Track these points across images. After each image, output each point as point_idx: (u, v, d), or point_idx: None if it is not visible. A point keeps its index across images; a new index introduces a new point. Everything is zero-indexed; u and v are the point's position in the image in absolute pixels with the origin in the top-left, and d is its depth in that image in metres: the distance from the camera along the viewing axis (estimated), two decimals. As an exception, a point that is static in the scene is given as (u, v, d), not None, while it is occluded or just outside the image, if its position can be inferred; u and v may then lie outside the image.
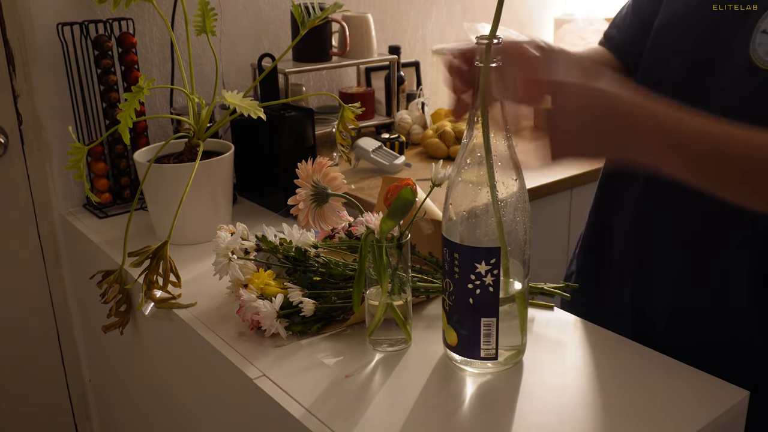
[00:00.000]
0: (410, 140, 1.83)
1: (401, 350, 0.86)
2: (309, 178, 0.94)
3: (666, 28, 0.90)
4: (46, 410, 1.58)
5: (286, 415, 0.75)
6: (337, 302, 0.89)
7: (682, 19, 0.88)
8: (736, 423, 0.76)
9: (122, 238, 1.04)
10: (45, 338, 1.54)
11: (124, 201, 1.42)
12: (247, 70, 1.62)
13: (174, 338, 1.01)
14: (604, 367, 0.82)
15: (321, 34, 1.59)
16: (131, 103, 1.02)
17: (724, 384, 0.77)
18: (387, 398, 0.77)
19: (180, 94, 1.51)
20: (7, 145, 1.41)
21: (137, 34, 1.42)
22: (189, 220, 1.14)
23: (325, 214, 0.94)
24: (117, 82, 1.37)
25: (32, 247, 1.48)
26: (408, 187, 0.83)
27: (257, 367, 0.83)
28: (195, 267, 1.10)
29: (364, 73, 1.88)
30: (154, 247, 0.98)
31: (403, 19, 1.92)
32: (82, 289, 1.45)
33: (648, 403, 0.75)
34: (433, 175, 0.89)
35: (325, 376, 0.81)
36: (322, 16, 1.20)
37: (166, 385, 1.11)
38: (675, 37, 0.88)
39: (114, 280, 1.04)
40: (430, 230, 1.01)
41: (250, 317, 0.88)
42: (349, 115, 1.23)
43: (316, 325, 0.89)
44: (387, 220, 0.81)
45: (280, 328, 0.87)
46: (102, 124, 1.40)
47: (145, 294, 0.98)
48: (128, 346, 1.20)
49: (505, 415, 0.74)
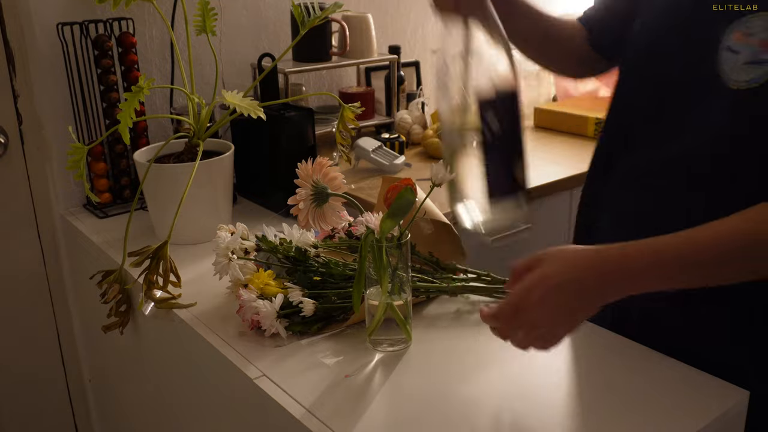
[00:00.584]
0: (410, 140, 1.83)
1: (401, 350, 0.86)
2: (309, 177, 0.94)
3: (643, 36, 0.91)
4: (46, 410, 1.57)
5: (286, 415, 0.75)
6: (337, 302, 0.89)
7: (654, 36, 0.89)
8: (736, 423, 0.76)
9: (122, 238, 1.03)
10: (45, 338, 1.54)
11: (124, 201, 1.42)
12: (247, 70, 1.62)
13: (174, 338, 1.01)
14: (604, 366, 0.82)
15: (321, 34, 1.59)
16: (131, 103, 1.02)
17: (724, 384, 0.78)
18: (387, 398, 0.77)
19: (180, 94, 1.51)
20: (7, 145, 1.41)
21: (137, 34, 1.42)
22: (189, 220, 1.14)
23: (325, 214, 0.94)
24: (117, 82, 1.37)
25: (32, 247, 1.48)
26: (408, 187, 0.83)
27: (257, 367, 0.83)
28: (195, 267, 1.10)
29: (364, 73, 1.88)
30: (154, 247, 0.98)
31: (403, 19, 1.92)
32: (82, 289, 1.45)
33: (648, 403, 0.75)
34: (433, 175, 0.89)
35: (325, 376, 0.81)
36: (322, 16, 1.20)
37: (166, 385, 1.11)
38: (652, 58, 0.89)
39: (114, 280, 1.04)
40: (430, 230, 1.01)
41: (250, 317, 0.88)
42: (349, 115, 1.23)
43: (316, 325, 0.89)
44: (387, 219, 0.81)
45: (280, 328, 0.87)
46: (102, 124, 1.40)
47: (145, 294, 0.98)
48: (128, 346, 1.20)
49: (505, 415, 0.74)
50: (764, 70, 0.75)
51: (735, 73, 0.78)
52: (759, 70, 0.76)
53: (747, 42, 0.77)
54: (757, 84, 0.76)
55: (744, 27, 0.77)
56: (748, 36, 0.77)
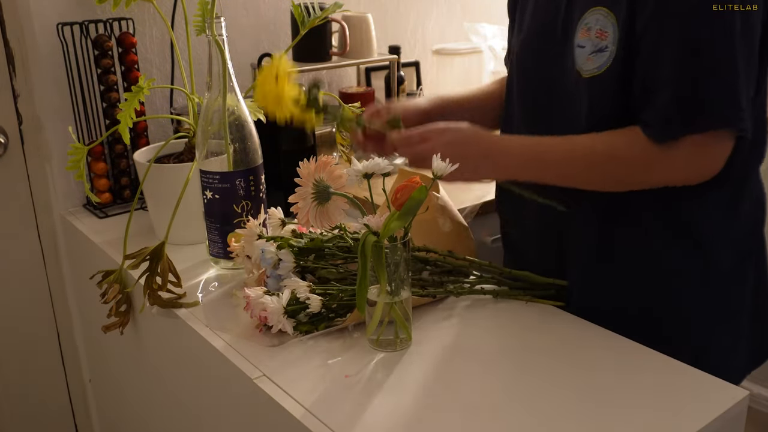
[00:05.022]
0: (410, 140, 1.83)
1: (401, 350, 0.86)
2: (310, 176, 0.94)
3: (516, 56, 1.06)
4: (46, 410, 1.57)
5: (286, 415, 0.75)
6: (344, 299, 0.88)
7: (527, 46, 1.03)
8: (736, 423, 0.76)
9: (122, 238, 1.03)
10: (45, 338, 1.54)
11: (124, 201, 1.42)
12: (247, 70, 1.62)
13: (174, 338, 1.01)
14: (604, 366, 0.82)
15: (321, 33, 1.59)
16: (131, 103, 1.02)
17: (724, 384, 0.78)
18: (387, 398, 0.77)
19: (180, 94, 1.51)
20: (7, 145, 1.41)
21: (137, 34, 1.42)
22: (189, 220, 1.14)
23: (328, 211, 0.94)
24: (117, 82, 1.37)
25: (32, 247, 1.48)
26: (423, 186, 0.83)
27: (257, 367, 0.83)
28: (195, 267, 1.10)
29: (364, 73, 1.88)
30: (152, 248, 0.98)
31: (403, 19, 1.92)
32: (82, 289, 1.45)
33: (648, 402, 0.75)
34: (434, 168, 0.89)
35: (325, 376, 0.81)
36: (322, 16, 1.20)
37: (166, 385, 1.11)
38: (523, 64, 1.04)
39: (114, 280, 1.04)
40: (449, 228, 1.01)
41: (258, 314, 0.87)
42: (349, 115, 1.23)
43: (323, 323, 0.89)
44: (396, 220, 0.81)
45: (287, 325, 0.86)
46: (102, 124, 1.40)
47: (146, 295, 0.98)
48: (128, 346, 1.20)
49: (504, 415, 0.74)
50: (606, 56, 0.89)
51: (585, 64, 0.92)
52: (602, 57, 0.90)
53: (588, 36, 0.91)
54: (604, 69, 0.90)
55: (584, 24, 0.92)
56: (588, 30, 0.91)
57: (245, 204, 1.05)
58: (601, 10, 0.90)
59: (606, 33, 0.89)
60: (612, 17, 0.89)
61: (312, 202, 0.94)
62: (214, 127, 1.02)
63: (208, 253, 1.09)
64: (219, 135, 1.03)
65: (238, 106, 1.04)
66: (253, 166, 1.05)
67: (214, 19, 0.99)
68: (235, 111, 1.03)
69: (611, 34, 0.89)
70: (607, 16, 0.89)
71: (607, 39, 0.89)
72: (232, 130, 1.03)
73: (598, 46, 0.90)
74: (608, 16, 0.89)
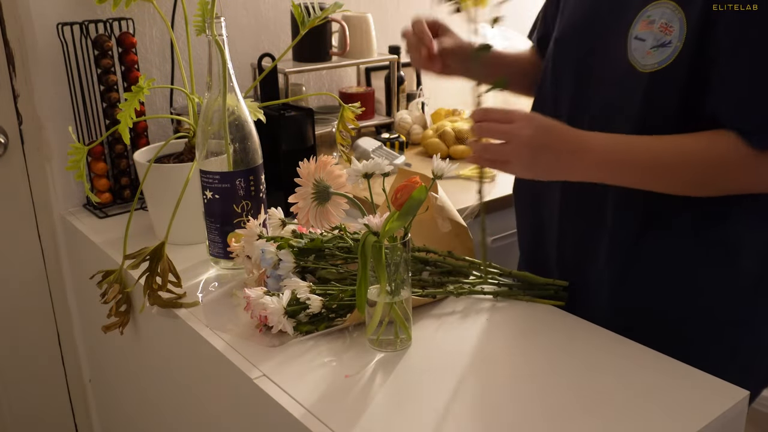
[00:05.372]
0: (410, 140, 1.83)
1: (401, 350, 0.86)
2: (310, 176, 0.94)
3: (558, 42, 1.01)
4: (46, 410, 1.57)
5: (286, 415, 0.75)
6: (344, 299, 0.88)
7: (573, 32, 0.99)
8: (736, 423, 0.76)
9: (122, 237, 1.03)
10: (45, 338, 1.54)
11: (124, 201, 1.42)
12: (247, 70, 1.62)
13: (174, 338, 1.01)
14: (604, 366, 0.82)
15: (321, 34, 1.59)
16: (131, 103, 1.02)
17: (724, 384, 0.78)
18: (387, 398, 0.77)
19: (180, 94, 1.51)
20: (7, 145, 1.41)
21: (137, 34, 1.42)
22: (189, 220, 1.14)
23: (327, 211, 0.94)
24: (117, 82, 1.37)
25: (32, 247, 1.48)
26: (423, 186, 0.83)
27: (257, 367, 0.83)
28: (195, 267, 1.10)
29: (364, 73, 1.88)
30: (152, 248, 0.98)
31: (403, 19, 1.91)
32: (82, 289, 1.45)
33: (648, 403, 0.75)
34: (434, 168, 0.89)
35: (325, 376, 0.81)
36: (322, 16, 1.20)
37: (166, 385, 1.11)
38: (566, 50, 1.00)
39: (114, 280, 1.04)
40: (448, 229, 1.01)
41: (258, 314, 0.87)
42: (349, 115, 1.23)
43: (323, 323, 0.89)
44: (395, 220, 0.81)
45: (287, 325, 0.86)
46: (102, 124, 1.40)
47: (146, 295, 0.98)
48: (128, 346, 1.20)
49: (504, 415, 0.74)
50: (669, 51, 0.85)
51: (644, 58, 0.87)
52: (665, 52, 0.86)
53: (650, 29, 0.87)
54: (666, 64, 0.86)
55: (645, 17, 0.88)
56: (650, 23, 0.87)
57: (245, 204, 1.05)
58: (669, 4, 0.85)
59: (671, 28, 0.85)
60: (680, 13, 0.84)
61: (312, 202, 0.95)
62: (214, 127, 1.02)
63: (208, 253, 1.09)
64: (219, 135, 1.03)
65: (238, 106, 1.04)
66: (253, 166, 1.05)
67: (214, 19, 0.99)
68: (235, 111, 1.03)
69: (677, 29, 0.85)
70: (675, 11, 0.85)
71: (672, 34, 0.85)
72: (232, 130, 1.02)
73: (660, 41, 0.86)
74: (676, 11, 0.85)
